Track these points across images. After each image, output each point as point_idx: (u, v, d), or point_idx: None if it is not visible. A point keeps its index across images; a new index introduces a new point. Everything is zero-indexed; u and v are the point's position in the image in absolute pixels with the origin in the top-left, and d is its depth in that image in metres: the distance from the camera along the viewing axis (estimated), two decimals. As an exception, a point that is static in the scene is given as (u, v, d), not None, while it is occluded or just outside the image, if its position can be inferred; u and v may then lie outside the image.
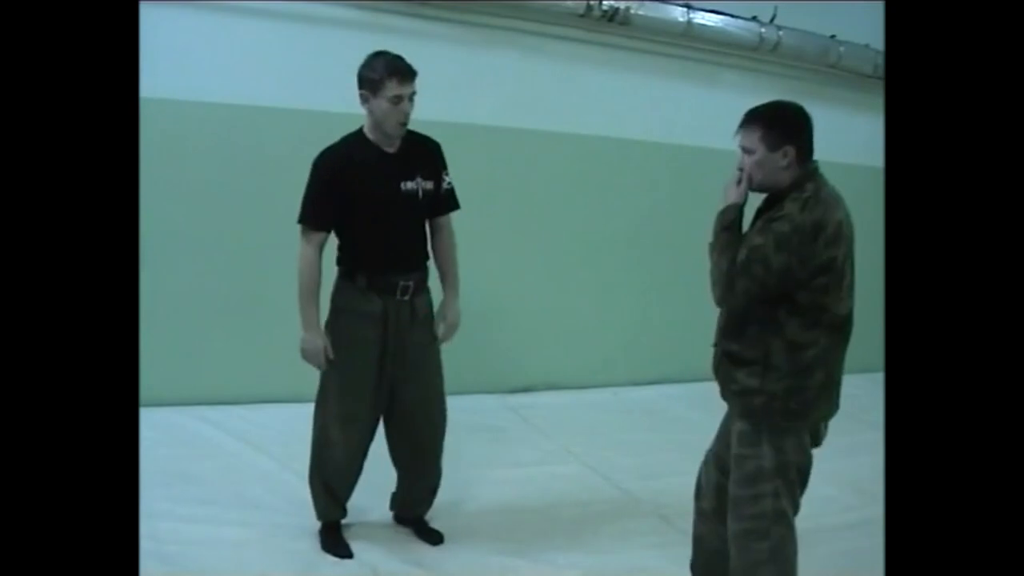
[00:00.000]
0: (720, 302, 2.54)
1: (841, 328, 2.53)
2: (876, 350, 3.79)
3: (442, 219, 3.27)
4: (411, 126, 5.04)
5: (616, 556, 3.36)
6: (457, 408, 4.84)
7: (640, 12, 5.20)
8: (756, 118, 2.52)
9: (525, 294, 5.34)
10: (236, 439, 4.20)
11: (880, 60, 6.02)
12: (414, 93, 3.04)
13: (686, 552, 2.99)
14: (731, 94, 5.84)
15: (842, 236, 2.48)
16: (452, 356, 3.48)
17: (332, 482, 3.25)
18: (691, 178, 5.89)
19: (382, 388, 3.17)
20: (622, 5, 5.11)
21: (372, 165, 3.06)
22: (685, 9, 5.34)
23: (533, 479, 4.05)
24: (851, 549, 3.51)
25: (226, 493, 3.59)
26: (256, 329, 4.78)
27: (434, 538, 3.35)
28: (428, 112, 4.98)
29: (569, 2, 5.05)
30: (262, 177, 4.68)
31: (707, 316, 2.78)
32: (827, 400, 2.61)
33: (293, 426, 4.42)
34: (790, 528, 2.60)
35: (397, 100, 2.98)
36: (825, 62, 5.98)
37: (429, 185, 3.14)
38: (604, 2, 5.06)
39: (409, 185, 3.09)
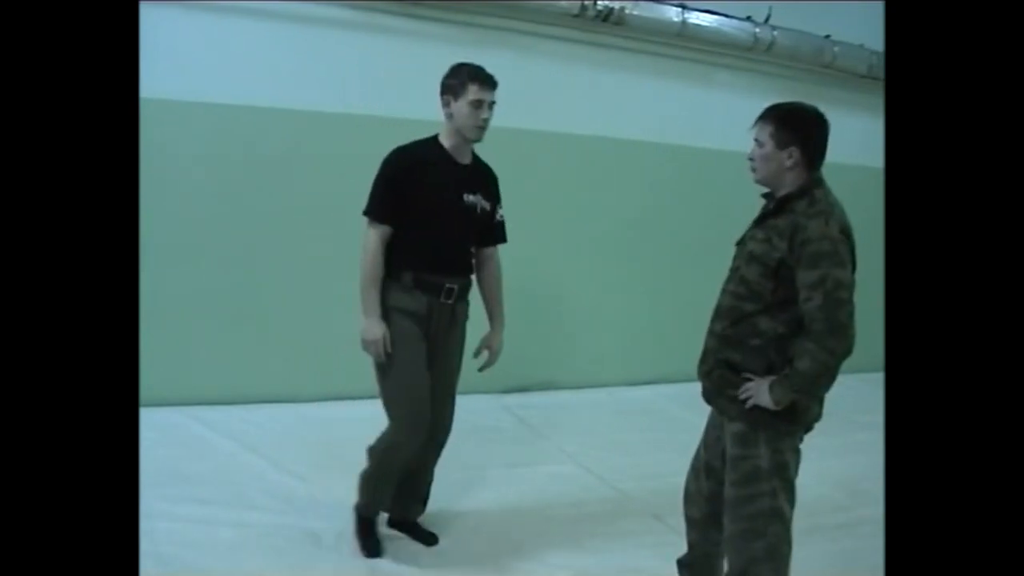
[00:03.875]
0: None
1: None
2: (871, 350, 3.80)
3: (490, 250, 3.31)
4: (407, 124, 5.05)
5: (611, 556, 3.37)
6: (453, 408, 4.87)
7: (635, 12, 5.21)
8: (771, 114, 2.57)
9: (519, 294, 5.34)
10: (232, 440, 4.20)
11: (874, 60, 6.05)
12: (494, 103, 3.09)
13: (679, 551, 3.00)
14: (726, 94, 5.87)
15: (855, 246, 2.50)
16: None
17: (391, 482, 3.25)
18: (686, 178, 5.91)
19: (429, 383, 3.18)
20: (616, 5, 5.12)
21: (441, 170, 3.12)
22: (680, 9, 5.35)
23: (528, 479, 4.05)
24: (846, 549, 3.53)
25: (222, 493, 3.59)
26: (253, 330, 4.78)
27: (429, 539, 3.35)
28: (423, 112, 5.00)
29: (563, 2, 5.05)
30: (260, 177, 4.68)
31: (701, 316, 2.78)
32: (820, 404, 2.62)
33: (289, 427, 4.44)
34: (786, 527, 2.61)
35: (478, 104, 3.04)
36: (820, 62, 6.00)
37: (487, 206, 3.21)
38: (599, 2, 5.07)
39: (471, 198, 3.15)
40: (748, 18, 5.64)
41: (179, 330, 4.56)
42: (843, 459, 4.44)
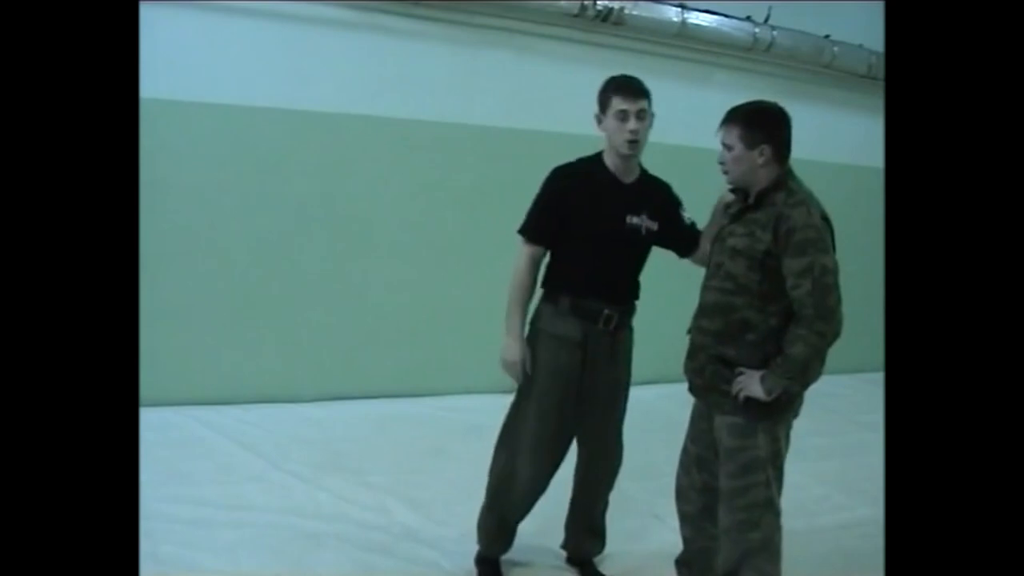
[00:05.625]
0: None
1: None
2: (871, 350, 3.80)
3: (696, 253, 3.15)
4: (404, 123, 5.06)
5: (610, 556, 3.36)
6: (452, 408, 4.88)
7: (634, 12, 5.21)
8: (736, 116, 2.64)
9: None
10: (231, 440, 4.20)
11: (874, 60, 6.05)
12: (643, 111, 2.94)
13: (678, 550, 3.01)
14: (725, 94, 5.81)
15: (833, 232, 2.55)
16: (447, 356, 3.46)
17: (508, 516, 3.15)
18: (686, 178, 5.85)
19: (575, 418, 3.05)
20: (616, 5, 5.12)
21: (603, 191, 2.96)
22: (679, 9, 5.34)
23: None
24: (845, 549, 3.53)
25: (221, 494, 3.59)
26: (252, 330, 4.78)
27: None
28: (422, 112, 5.02)
29: (563, 2, 5.05)
30: (260, 177, 4.68)
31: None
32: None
33: (286, 427, 4.44)
34: (777, 516, 2.65)
35: (623, 116, 2.90)
36: (819, 62, 6.00)
37: (654, 226, 3.01)
38: (598, 2, 5.07)
39: (635, 220, 2.97)
40: (748, 18, 5.63)
41: (179, 330, 4.56)
42: (843, 459, 4.45)
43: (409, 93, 4.95)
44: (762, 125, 2.59)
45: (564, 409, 3.01)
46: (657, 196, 3.08)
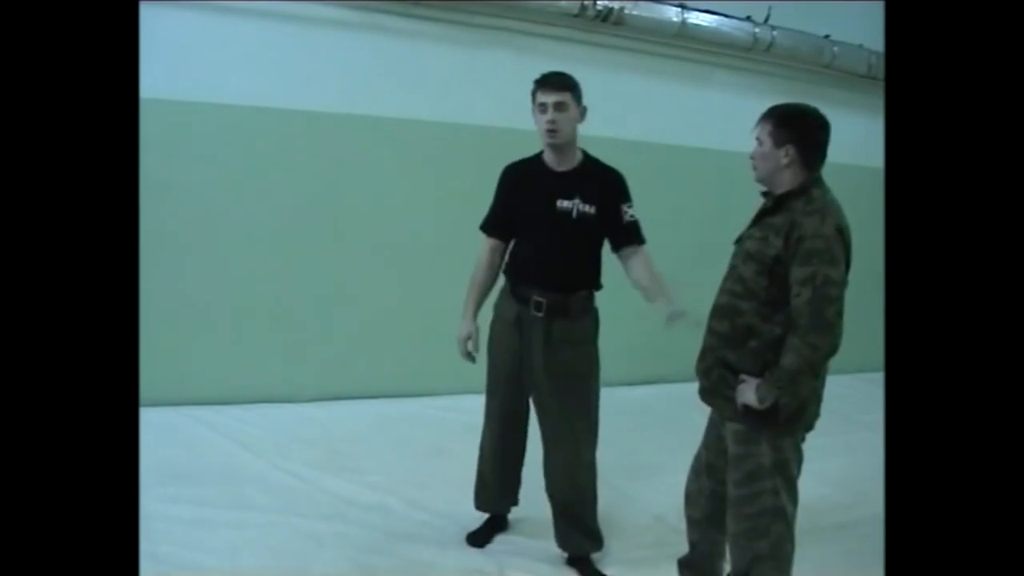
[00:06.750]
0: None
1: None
2: (871, 350, 3.79)
3: (628, 250, 3.24)
4: (404, 123, 5.05)
5: (610, 555, 3.36)
6: (452, 408, 4.87)
7: (634, 12, 5.20)
8: (770, 113, 2.61)
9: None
10: (231, 440, 4.20)
11: (874, 60, 6.05)
12: (562, 103, 3.07)
13: (679, 550, 3.01)
14: (725, 94, 5.87)
15: (850, 244, 2.51)
16: (447, 356, 3.41)
17: (483, 472, 3.46)
18: (686, 178, 5.89)
19: (521, 396, 3.28)
20: (616, 5, 5.11)
21: (535, 180, 3.16)
22: (679, 9, 5.34)
23: (527, 478, 4.04)
24: (846, 549, 3.53)
25: (221, 493, 3.59)
26: (252, 330, 4.78)
27: None
28: (422, 112, 5.02)
29: (563, 2, 5.04)
30: (260, 177, 4.68)
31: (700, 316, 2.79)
32: (816, 403, 2.63)
33: (287, 427, 4.44)
34: (788, 525, 2.62)
35: (542, 108, 3.08)
36: (819, 62, 6.00)
37: (590, 209, 3.09)
38: (598, 2, 5.07)
39: (565, 204, 3.09)
40: (748, 18, 5.63)
41: (178, 330, 4.56)
42: (843, 459, 4.44)
43: (409, 93, 4.95)
44: (792, 125, 2.56)
45: (509, 385, 3.25)
46: (598, 184, 3.16)
